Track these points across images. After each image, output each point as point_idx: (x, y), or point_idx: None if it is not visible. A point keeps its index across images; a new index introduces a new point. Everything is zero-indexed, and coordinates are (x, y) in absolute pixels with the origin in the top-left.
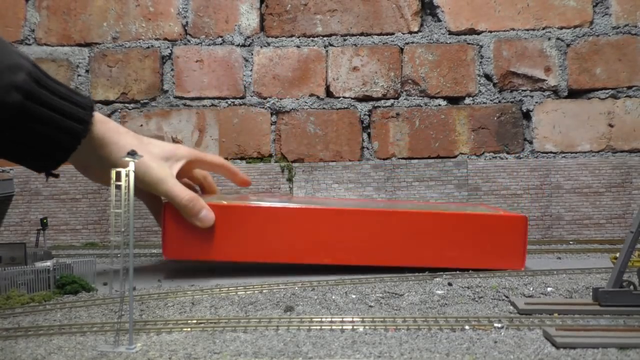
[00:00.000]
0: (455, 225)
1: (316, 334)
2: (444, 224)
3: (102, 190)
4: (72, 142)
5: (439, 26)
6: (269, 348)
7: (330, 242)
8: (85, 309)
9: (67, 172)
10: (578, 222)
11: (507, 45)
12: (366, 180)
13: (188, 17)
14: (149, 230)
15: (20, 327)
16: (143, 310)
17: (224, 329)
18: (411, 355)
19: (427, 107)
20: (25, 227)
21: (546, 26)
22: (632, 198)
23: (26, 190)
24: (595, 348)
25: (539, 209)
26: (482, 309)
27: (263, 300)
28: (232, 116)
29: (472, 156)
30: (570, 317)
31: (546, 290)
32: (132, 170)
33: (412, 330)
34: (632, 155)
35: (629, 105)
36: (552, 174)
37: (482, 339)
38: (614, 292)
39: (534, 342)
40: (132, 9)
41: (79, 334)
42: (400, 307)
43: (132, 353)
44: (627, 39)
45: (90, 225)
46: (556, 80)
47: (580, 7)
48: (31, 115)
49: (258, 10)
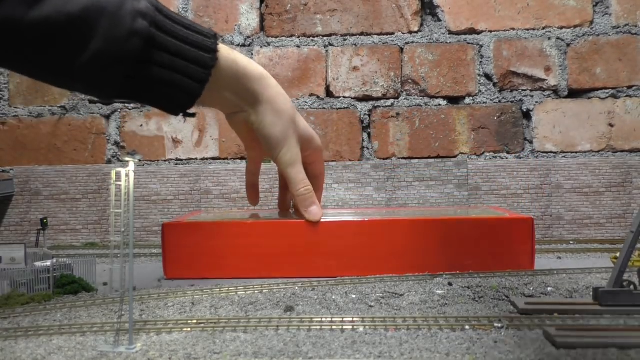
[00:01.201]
0: (463, 231)
1: (316, 334)
2: (451, 230)
3: (102, 190)
4: (203, 73)
5: (439, 26)
6: (269, 348)
7: (336, 253)
8: (85, 309)
9: (67, 172)
10: (578, 221)
11: (507, 45)
12: (366, 180)
13: (188, 17)
14: (149, 230)
15: (20, 327)
16: (143, 310)
17: (224, 329)
18: (411, 355)
19: (427, 107)
20: (25, 227)
21: (546, 26)
22: (633, 198)
23: (26, 190)
24: (596, 348)
25: (539, 208)
26: (482, 309)
27: (263, 300)
28: None
29: (472, 156)
30: (570, 317)
31: (546, 290)
32: (132, 171)
33: (412, 330)
34: (632, 155)
35: (629, 105)
36: (552, 174)
37: (482, 339)
38: (615, 292)
39: (534, 342)
40: None
41: (79, 334)
42: (401, 307)
43: (132, 353)
44: (627, 38)
45: (90, 225)
46: (556, 80)
47: (581, 6)
48: (156, 59)
49: (258, 10)
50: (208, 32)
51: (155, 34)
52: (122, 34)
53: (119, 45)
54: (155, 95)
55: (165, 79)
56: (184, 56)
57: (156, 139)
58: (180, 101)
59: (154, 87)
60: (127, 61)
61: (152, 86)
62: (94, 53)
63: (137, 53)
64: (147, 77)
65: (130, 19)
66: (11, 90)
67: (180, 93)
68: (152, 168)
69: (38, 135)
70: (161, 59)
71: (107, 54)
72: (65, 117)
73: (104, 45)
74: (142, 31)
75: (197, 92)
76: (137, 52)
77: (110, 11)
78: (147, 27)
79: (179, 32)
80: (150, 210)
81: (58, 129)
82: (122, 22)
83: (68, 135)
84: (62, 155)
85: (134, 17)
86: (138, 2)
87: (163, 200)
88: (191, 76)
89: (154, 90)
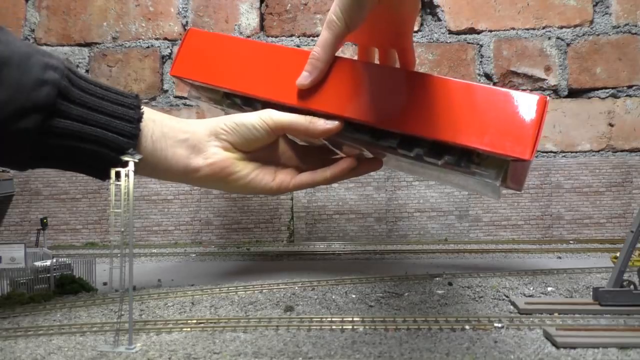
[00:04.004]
0: (462, 96)
1: (316, 334)
2: (450, 92)
3: (102, 190)
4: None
5: (438, 25)
6: (269, 348)
7: (348, 94)
8: (85, 309)
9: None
10: (578, 221)
11: (507, 44)
12: (366, 180)
13: (188, 17)
14: (149, 230)
15: (20, 327)
16: (143, 310)
17: (224, 329)
18: (411, 355)
19: None
20: (25, 227)
21: (546, 25)
22: (633, 197)
23: (26, 190)
24: (596, 348)
25: (539, 208)
26: (482, 309)
27: (263, 300)
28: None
29: None
30: (570, 316)
31: (546, 289)
32: (132, 171)
33: (412, 330)
34: (632, 155)
35: (629, 105)
36: (552, 174)
37: (482, 339)
38: (615, 292)
39: (534, 341)
40: (132, 9)
41: (79, 334)
42: (401, 307)
43: (131, 353)
44: (628, 38)
45: (90, 225)
46: (556, 79)
47: (581, 6)
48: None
49: (258, 9)
50: (129, 92)
51: (68, 87)
52: (29, 82)
53: (26, 93)
54: (78, 153)
55: (87, 133)
56: (105, 112)
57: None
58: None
59: (74, 144)
60: (37, 112)
61: (71, 143)
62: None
63: (49, 103)
64: (64, 133)
65: (39, 69)
66: None
67: (107, 150)
68: None
69: None
70: (78, 113)
71: (13, 104)
72: None
73: (10, 94)
74: (53, 81)
75: (126, 147)
76: (48, 102)
77: (15, 61)
78: (58, 79)
79: (96, 90)
80: (150, 210)
81: None
82: (30, 71)
83: None
84: None
85: (44, 69)
86: (49, 57)
87: (163, 200)
88: (118, 132)
89: (74, 148)
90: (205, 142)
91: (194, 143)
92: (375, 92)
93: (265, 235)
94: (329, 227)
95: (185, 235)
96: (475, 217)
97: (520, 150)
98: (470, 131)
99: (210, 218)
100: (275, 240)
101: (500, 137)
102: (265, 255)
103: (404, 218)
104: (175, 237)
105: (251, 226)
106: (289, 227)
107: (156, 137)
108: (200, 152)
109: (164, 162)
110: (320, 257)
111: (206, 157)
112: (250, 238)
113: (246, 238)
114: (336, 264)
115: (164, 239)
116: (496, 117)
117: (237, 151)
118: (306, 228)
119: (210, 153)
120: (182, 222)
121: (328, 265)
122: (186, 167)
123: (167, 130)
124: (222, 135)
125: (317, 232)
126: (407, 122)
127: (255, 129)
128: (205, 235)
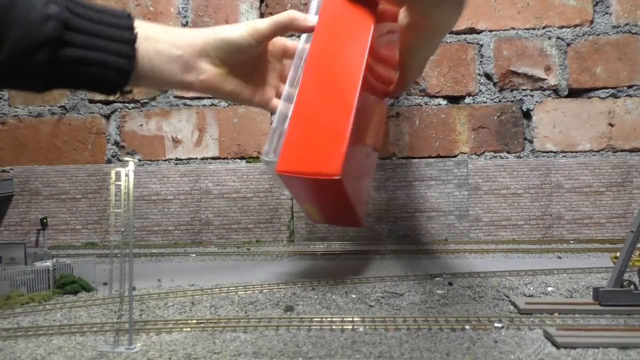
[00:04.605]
0: None
1: (316, 333)
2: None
3: (102, 190)
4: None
5: None
6: (269, 348)
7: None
8: (85, 309)
9: (67, 171)
10: (578, 221)
11: (507, 44)
12: None
13: (188, 17)
14: (149, 230)
15: (20, 327)
16: (143, 310)
17: (224, 329)
18: (411, 355)
19: (427, 106)
20: (25, 227)
21: (546, 25)
22: (633, 197)
23: (26, 190)
24: (596, 348)
25: (539, 208)
26: (482, 309)
27: (263, 300)
28: (232, 116)
29: (473, 155)
30: (570, 316)
31: (547, 289)
32: (132, 171)
33: (412, 330)
34: (632, 155)
35: (629, 105)
36: (552, 174)
37: (483, 339)
38: (615, 292)
39: (535, 341)
40: (132, 9)
41: (79, 334)
42: (401, 307)
43: (132, 353)
44: (628, 38)
45: (90, 225)
46: (556, 79)
47: (581, 6)
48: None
49: (258, 9)
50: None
51: (70, 17)
52: (37, 18)
53: (36, 29)
54: (85, 77)
55: (91, 58)
56: (103, 35)
57: (156, 139)
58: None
59: (81, 69)
60: (47, 45)
61: (79, 69)
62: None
63: (56, 36)
64: (73, 60)
65: (41, 5)
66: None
67: (109, 71)
68: (152, 168)
69: (38, 135)
70: (81, 40)
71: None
72: (65, 116)
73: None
74: (56, 15)
75: (126, 68)
76: (55, 35)
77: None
78: (60, 12)
79: (92, 15)
80: (150, 210)
81: (58, 128)
82: (35, 8)
83: (68, 135)
84: (62, 155)
85: (45, 4)
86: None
87: (163, 200)
88: (117, 53)
89: (82, 72)
90: (196, 59)
91: (187, 59)
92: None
93: (265, 235)
94: (329, 227)
95: (185, 235)
96: (475, 217)
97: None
98: None
99: (210, 218)
100: (275, 240)
101: None
102: (265, 255)
103: (404, 218)
104: (175, 237)
105: (251, 226)
106: (289, 227)
107: (151, 55)
108: (192, 70)
109: (160, 77)
110: (320, 257)
111: (198, 73)
112: (250, 238)
113: (246, 238)
114: (336, 264)
115: (164, 239)
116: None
117: (225, 65)
118: (306, 228)
119: (202, 70)
120: (182, 222)
121: (328, 265)
122: (180, 83)
123: (161, 47)
124: (211, 52)
125: (317, 232)
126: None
127: (243, 38)
128: (205, 235)
